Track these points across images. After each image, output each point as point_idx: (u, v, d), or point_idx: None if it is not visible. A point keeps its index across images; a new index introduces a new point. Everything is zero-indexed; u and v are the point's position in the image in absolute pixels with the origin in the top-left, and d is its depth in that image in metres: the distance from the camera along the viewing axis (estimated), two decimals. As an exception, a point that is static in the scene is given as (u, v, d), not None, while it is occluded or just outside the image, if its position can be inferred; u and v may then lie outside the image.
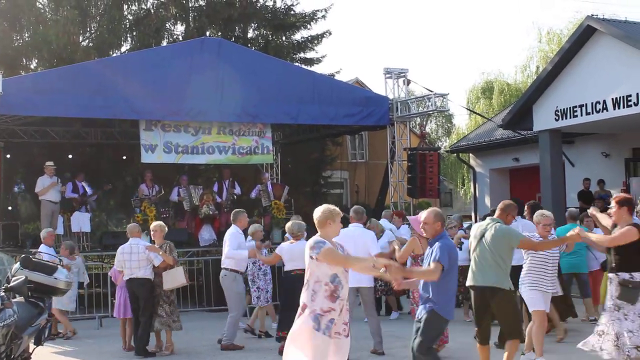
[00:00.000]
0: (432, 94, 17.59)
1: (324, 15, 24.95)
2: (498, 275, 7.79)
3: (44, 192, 15.86)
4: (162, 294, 10.65)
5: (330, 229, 6.43)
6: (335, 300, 6.31)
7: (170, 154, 16.27)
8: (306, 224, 10.44)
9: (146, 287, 10.59)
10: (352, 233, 9.61)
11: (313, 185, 25.11)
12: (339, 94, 17.21)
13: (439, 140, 46.10)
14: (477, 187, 25.20)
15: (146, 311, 10.52)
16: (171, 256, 10.67)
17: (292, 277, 9.82)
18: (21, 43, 21.68)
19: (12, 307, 7.33)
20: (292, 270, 9.96)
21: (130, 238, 10.92)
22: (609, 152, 20.32)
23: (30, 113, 15.16)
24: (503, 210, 8.25)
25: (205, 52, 15.81)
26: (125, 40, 23.07)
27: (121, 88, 14.88)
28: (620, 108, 16.04)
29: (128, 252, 10.72)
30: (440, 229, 7.05)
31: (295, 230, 10.07)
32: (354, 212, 10.10)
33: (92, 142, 19.20)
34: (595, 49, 16.70)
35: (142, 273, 10.61)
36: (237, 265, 10.95)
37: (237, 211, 11.28)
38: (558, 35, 32.86)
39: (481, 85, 36.09)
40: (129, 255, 10.69)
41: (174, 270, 10.67)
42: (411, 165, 17.77)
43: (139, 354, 10.47)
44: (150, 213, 16.22)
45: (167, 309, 10.64)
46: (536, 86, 18.25)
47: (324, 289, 6.31)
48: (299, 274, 9.61)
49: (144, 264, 10.63)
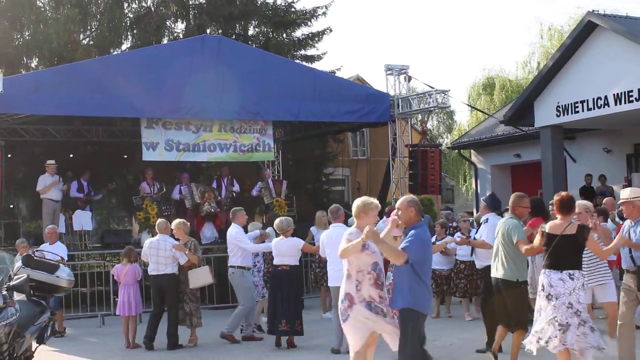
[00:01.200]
0: (433, 90, 17.57)
1: (325, 12, 24.90)
2: (510, 268, 8.29)
3: (45, 190, 15.87)
4: (187, 291, 10.91)
5: (364, 221, 6.85)
6: (382, 288, 6.80)
7: (171, 151, 16.26)
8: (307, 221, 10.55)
9: (172, 282, 10.88)
10: (333, 233, 9.51)
11: (314, 182, 25.09)
12: (340, 90, 17.20)
13: (440, 137, 46.05)
14: (479, 184, 25.19)
15: (173, 306, 10.84)
16: (196, 255, 10.92)
17: (280, 272, 10.35)
18: (22, 42, 21.67)
19: (14, 306, 7.34)
20: (279, 265, 10.38)
21: (159, 234, 11.06)
22: (610, 147, 20.31)
23: (31, 112, 15.14)
24: (510, 205, 8.63)
25: (205, 50, 15.80)
26: (125, 38, 23.05)
27: (122, 86, 14.86)
28: (622, 104, 16.04)
29: (155, 248, 10.89)
30: (415, 217, 6.71)
31: (284, 227, 10.39)
32: (330, 212, 10.12)
33: (93, 141, 19.18)
34: (596, 45, 16.69)
35: (168, 269, 10.86)
36: (242, 262, 11.20)
37: (235, 209, 11.58)
38: (559, 31, 32.82)
39: (482, 81, 36.05)
40: (155, 251, 10.88)
41: (200, 269, 10.98)
42: (412, 162, 17.75)
43: (172, 348, 10.76)
44: (152, 211, 16.23)
45: (191, 307, 10.92)
46: (537, 82, 18.24)
47: (367, 277, 6.72)
48: (285, 269, 10.30)
49: (170, 261, 10.85)
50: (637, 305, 7.95)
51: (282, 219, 10.66)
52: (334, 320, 9.67)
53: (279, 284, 10.39)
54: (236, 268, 11.18)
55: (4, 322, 7.08)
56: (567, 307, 7.26)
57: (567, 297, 7.29)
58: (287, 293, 10.35)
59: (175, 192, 17.39)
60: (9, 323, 7.15)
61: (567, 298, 7.28)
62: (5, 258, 14.01)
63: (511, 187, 24.35)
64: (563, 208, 7.54)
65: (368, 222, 6.83)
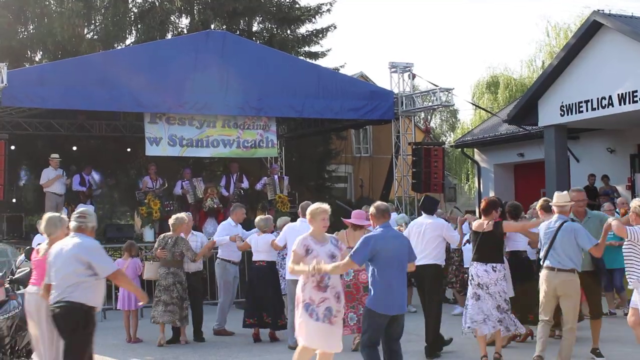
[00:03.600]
0: (437, 88, 17.55)
1: (329, 9, 24.89)
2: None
3: (48, 184, 15.88)
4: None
5: (314, 225, 7.18)
6: (325, 290, 6.93)
7: (174, 146, 16.28)
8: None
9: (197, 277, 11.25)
10: (299, 228, 9.57)
11: (317, 179, 25.08)
12: (344, 87, 17.19)
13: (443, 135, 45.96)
14: (482, 183, 25.15)
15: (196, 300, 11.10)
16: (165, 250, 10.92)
17: (256, 268, 10.72)
18: (26, 35, 21.67)
19: (16, 299, 7.35)
20: (256, 261, 10.75)
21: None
22: (614, 147, 20.26)
23: (35, 105, 15.16)
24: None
25: (210, 46, 15.79)
26: (129, 33, 23.05)
27: (126, 81, 14.86)
28: (626, 104, 16.00)
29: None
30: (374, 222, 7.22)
31: (262, 226, 10.78)
32: (300, 207, 10.28)
33: (97, 135, 19.21)
34: (602, 45, 16.65)
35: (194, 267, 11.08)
36: (227, 255, 11.43)
37: (236, 205, 12.01)
38: (565, 30, 32.74)
39: (486, 80, 35.95)
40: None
41: (150, 264, 11.30)
42: (416, 160, 17.73)
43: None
44: (155, 206, 16.23)
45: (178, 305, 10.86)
46: (542, 81, 18.20)
47: (309, 280, 6.95)
48: (261, 265, 10.66)
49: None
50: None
51: (260, 218, 11.02)
52: (289, 316, 10.07)
53: (255, 280, 10.81)
54: (220, 260, 11.54)
55: (7, 315, 7.10)
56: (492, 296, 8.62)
57: (493, 287, 8.63)
58: (265, 288, 10.67)
59: (177, 188, 17.39)
60: (11, 316, 7.17)
61: (493, 288, 8.63)
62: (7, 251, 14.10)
63: (514, 186, 24.33)
64: (485, 210, 8.73)
65: (317, 225, 7.14)
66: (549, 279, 8.13)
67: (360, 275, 9.36)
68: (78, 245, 6.49)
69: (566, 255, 8.04)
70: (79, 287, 6.41)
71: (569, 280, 8.06)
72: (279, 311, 10.73)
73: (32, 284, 7.19)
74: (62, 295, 6.41)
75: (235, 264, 11.58)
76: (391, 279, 6.92)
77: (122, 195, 22.95)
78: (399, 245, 7.09)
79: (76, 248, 6.47)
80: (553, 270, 8.09)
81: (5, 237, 16.19)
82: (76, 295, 6.40)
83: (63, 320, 6.40)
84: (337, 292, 7.01)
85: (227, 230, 11.44)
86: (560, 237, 8.04)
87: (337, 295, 6.99)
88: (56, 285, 6.47)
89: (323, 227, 7.17)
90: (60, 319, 6.41)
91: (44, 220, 7.20)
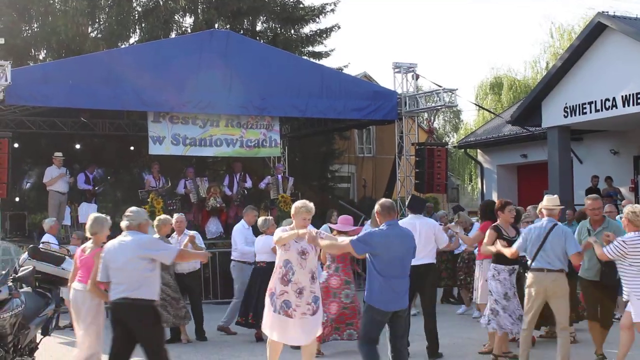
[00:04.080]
0: (441, 89, 17.53)
1: (333, 9, 24.92)
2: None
3: (52, 182, 15.90)
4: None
5: (295, 222, 7.46)
6: (287, 284, 7.31)
7: (178, 146, 16.29)
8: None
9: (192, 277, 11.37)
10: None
11: (320, 179, 25.10)
12: (347, 87, 17.19)
13: (446, 136, 45.92)
14: (485, 183, 25.15)
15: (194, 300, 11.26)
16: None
17: (257, 269, 10.82)
18: (30, 34, 21.72)
19: (19, 297, 7.36)
20: (257, 262, 10.84)
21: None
22: (617, 149, 20.24)
23: (39, 104, 15.18)
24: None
25: (214, 45, 15.80)
26: (133, 31, 23.09)
27: (130, 79, 14.88)
28: (630, 105, 16.00)
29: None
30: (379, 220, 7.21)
31: (260, 226, 10.85)
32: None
33: (100, 134, 19.23)
34: (606, 46, 16.63)
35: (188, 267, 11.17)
36: (242, 257, 11.46)
37: (247, 207, 12.08)
38: (569, 31, 32.72)
39: (490, 80, 35.95)
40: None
41: None
42: (419, 160, 17.73)
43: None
44: (158, 205, 16.23)
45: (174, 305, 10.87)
46: (545, 82, 18.19)
47: (277, 272, 7.39)
48: (262, 266, 10.68)
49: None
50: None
51: (262, 218, 11.08)
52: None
53: (255, 280, 10.82)
54: (236, 262, 11.56)
55: (9, 314, 7.11)
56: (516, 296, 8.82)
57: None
58: (259, 289, 10.56)
59: (180, 187, 17.39)
60: (14, 314, 7.17)
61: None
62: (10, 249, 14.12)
63: (517, 187, 24.32)
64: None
65: (298, 222, 7.40)
66: (539, 279, 8.18)
67: (330, 280, 9.58)
68: (136, 244, 6.84)
69: (555, 256, 8.13)
70: (144, 283, 6.79)
71: (558, 280, 8.15)
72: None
73: (78, 281, 7.56)
74: (128, 291, 6.74)
75: (251, 265, 11.51)
76: (392, 277, 6.93)
77: (125, 194, 22.93)
78: (402, 243, 7.07)
79: (135, 247, 6.82)
80: (542, 271, 8.15)
81: (9, 236, 16.20)
82: (142, 292, 6.77)
83: (133, 315, 6.80)
84: (299, 287, 7.30)
85: (243, 234, 11.56)
86: (551, 239, 8.13)
87: (298, 291, 7.30)
88: (118, 283, 6.80)
89: (303, 226, 7.40)
90: (130, 315, 6.80)
91: (90, 220, 7.62)
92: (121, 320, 6.85)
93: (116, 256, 6.85)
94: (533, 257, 8.22)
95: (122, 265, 6.79)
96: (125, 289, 6.75)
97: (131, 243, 6.85)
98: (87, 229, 7.64)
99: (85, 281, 7.38)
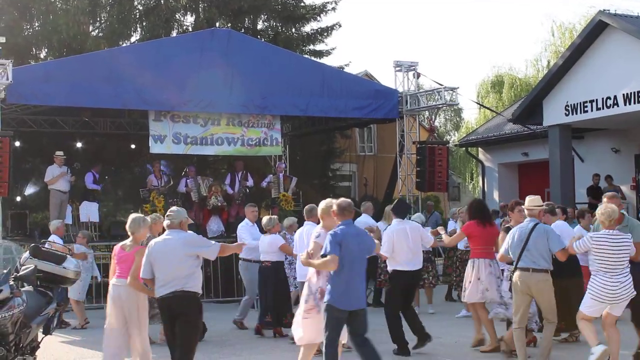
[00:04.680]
0: (442, 87, 17.52)
1: (334, 8, 24.93)
2: None
3: (53, 181, 15.90)
4: None
5: (327, 222, 7.48)
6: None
7: (179, 144, 16.29)
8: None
9: None
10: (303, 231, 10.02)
11: (321, 177, 25.11)
12: (349, 86, 17.18)
13: (447, 134, 45.88)
14: (486, 182, 25.12)
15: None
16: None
17: (263, 268, 10.89)
18: (31, 32, 21.73)
19: (21, 296, 7.37)
20: (263, 262, 10.94)
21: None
22: (618, 147, 20.21)
23: (40, 102, 15.19)
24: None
25: (215, 43, 15.80)
26: (135, 30, 23.11)
27: (131, 78, 14.89)
28: (631, 104, 15.96)
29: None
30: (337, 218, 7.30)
31: (265, 224, 10.92)
32: (305, 211, 10.60)
33: (101, 132, 19.24)
34: (607, 44, 16.61)
35: None
36: (247, 255, 11.45)
37: (247, 205, 12.27)
38: (570, 29, 32.66)
39: (491, 79, 35.88)
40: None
41: None
42: (420, 159, 17.71)
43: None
44: (159, 204, 16.24)
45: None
46: (547, 81, 18.17)
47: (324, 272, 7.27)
48: (267, 265, 10.83)
49: None
50: None
51: (267, 217, 11.14)
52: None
53: (264, 280, 10.93)
54: (242, 260, 11.72)
55: (11, 312, 7.11)
56: None
57: None
58: (272, 288, 10.82)
59: (181, 185, 17.41)
60: (15, 313, 7.18)
61: None
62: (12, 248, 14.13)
63: (518, 185, 24.29)
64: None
65: (331, 222, 7.38)
66: (524, 279, 8.31)
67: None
68: (182, 242, 7.27)
69: (540, 255, 8.28)
70: (191, 278, 7.22)
71: (543, 280, 8.30)
72: (282, 311, 10.82)
73: (117, 277, 7.91)
74: (178, 286, 7.16)
75: (256, 263, 11.58)
76: (350, 275, 7.11)
77: (126, 192, 22.98)
78: (360, 242, 7.24)
79: (182, 245, 7.24)
80: (528, 271, 8.29)
81: (10, 235, 16.22)
82: (190, 285, 7.21)
83: (182, 306, 7.18)
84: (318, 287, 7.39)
85: (248, 231, 11.71)
86: (533, 239, 8.31)
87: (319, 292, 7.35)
88: (167, 279, 7.20)
89: (334, 225, 7.35)
90: (180, 305, 7.17)
91: (129, 220, 8.04)
92: (171, 312, 7.21)
93: (164, 254, 7.23)
94: (518, 257, 8.37)
95: (170, 262, 7.18)
96: (174, 284, 7.15)
97: (178, 241, 7.25)
98: (127, 228, 8.04)
99: (126, 276, 7.71)
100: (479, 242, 9.63)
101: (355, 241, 7.18)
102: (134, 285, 7.61)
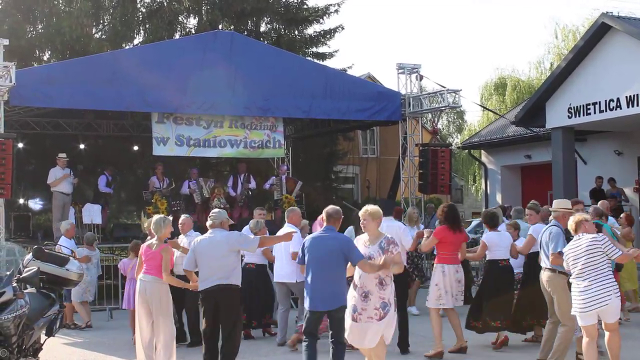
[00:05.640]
0: (445, 90, 17.51)
1: (337, 10, 24.91)
2: None
3: (56, 183, 15.90)
4: None
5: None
6: (355, 288, 7.38)
7: (182, 146, 16.30)
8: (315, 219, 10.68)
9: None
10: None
11: (324, 180, 25.08)
12: (351, 88, 17.18)
13: (450, 137, 45.89)
14: (489, 184, 25.12)
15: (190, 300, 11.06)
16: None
17: (246, 270, 10.60)
18: (34, 35, 21.72)
19: (24, 298, 7.38)
20: (247, 264, 10.94)
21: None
22: (621, 150, 20.20)
23: (43, 104, 15.21)
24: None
25: (218, 46, 15.81)
26: (137, 32, 23.09)
27: (134, 80, 14.90)
28: (634, 106, 15.96)
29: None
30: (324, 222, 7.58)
31: (252, 228, 10.94)
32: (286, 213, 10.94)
33: (104, 134, 19.25)
34: (610, 47, 16.61)
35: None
36: (250, 259, 11.29)
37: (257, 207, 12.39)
38: (573, 32, 32.68)
39: (494, 81, 35.90)
40: None
41: None
42: (423, 161, 17.69)
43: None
44: (162, 206, 16.25)
45: None
46: (550, 83, 18.17)
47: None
48: (251, 267, 10.95)
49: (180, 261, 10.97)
50: None
51: (254, 220, 11.22)
52: (281, 317, 10.60)
53: (247, 282, 10.62)
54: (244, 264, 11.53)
55: (14, 314, 7.12)
56: None
57: None
58: (255, 290, 10.91)
59: (184, 187, 17.42)
60: (18, 315, 7.19)
61: None
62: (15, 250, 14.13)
63: (521, 188, 24.27)
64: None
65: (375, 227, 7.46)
66: (541, 277, 8.89)
67: None
68: (226, 240, 8.10)
69: (545, 255, 8.74)
70: (233, 273, 8.06)
71: (549, 277, 8.70)
72: (263, 311, 11.15)
73: (144, 273, 8.50)
74: (222, 280, 7.96)
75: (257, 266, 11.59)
76: (315, 277, 7.29)
77: (129, 194, 23.00)
78: (330, 245, 7.31)
79: (226, 242, 8.06)
80: (542, 270, 8.86)
81: (13, 237, 16.22)
82: (232, 279, 8.04)
83: (226, 297, 7.97)
84: (364, 292, 7.27)
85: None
86: (544, 240, 8.79)
87: (364, 295, 7.25)
88: (211, 273, 7.97)
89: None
90: (223, 297, 7.94)
91: (152, 221, 8.81)
92: (214, 303, 7.94)
93: (209, 250, 8.03)
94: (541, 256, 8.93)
95: (214, 258, 7.97)
96: (218, 278, 7.93)
97: (222, 239, 8.09)
98: (151, 229, 8.82)
99: (154, 273, 8.39)
100: (448, 248, 9.58)
101: (325, 244, 7.35)
102: (171, 281, 8.42)
